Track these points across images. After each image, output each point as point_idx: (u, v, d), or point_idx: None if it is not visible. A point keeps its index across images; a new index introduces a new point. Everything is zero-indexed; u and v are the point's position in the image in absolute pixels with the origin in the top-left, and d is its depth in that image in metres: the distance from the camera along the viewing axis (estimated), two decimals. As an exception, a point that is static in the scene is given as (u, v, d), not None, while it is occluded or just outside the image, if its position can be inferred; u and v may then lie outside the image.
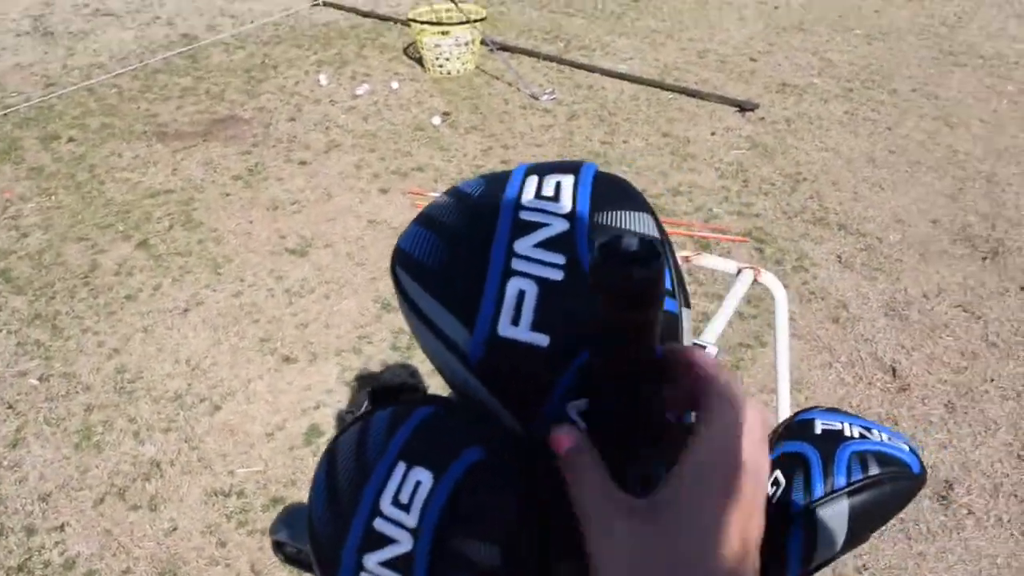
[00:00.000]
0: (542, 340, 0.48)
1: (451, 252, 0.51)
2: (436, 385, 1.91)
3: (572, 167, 0.56)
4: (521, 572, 0.47)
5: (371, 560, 0.46)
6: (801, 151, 4.12)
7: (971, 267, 3.25)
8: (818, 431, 0.78)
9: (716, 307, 2.13)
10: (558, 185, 0.54)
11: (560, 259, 0.49)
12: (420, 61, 5.12)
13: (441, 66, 4.95)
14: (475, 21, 4.87)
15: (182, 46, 5.54)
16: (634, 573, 0.39)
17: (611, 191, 0.55)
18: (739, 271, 1.85)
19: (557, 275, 0.49)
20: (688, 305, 0.55)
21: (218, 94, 4.78)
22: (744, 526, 0.39)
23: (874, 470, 0.73)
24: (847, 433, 0.77)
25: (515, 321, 0.48)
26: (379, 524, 0.46)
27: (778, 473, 0.75)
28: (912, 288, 3.13)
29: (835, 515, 0.72)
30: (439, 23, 4.92)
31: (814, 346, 2.84)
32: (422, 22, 4.87)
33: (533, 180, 0.54)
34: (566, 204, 0.52)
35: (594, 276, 0.38)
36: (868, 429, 0.78)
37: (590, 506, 0.42)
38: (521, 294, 0.48)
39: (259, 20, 6.08)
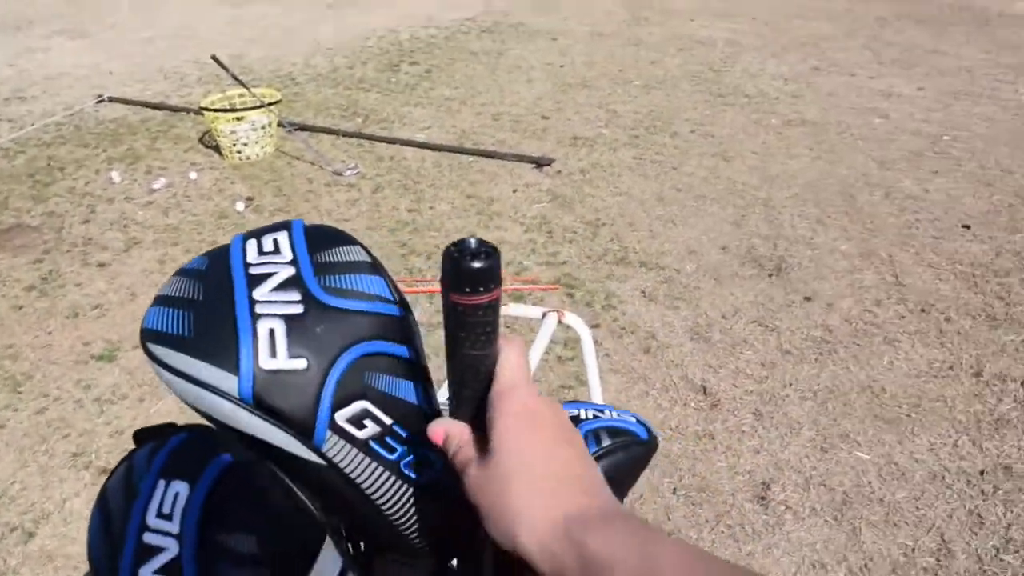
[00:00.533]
0: (300, 363, 0.56)
1: (199, 317, 0.58)
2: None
3: (283, 226, 0.66)
4: (280, 555, 0.55)
5: (146, 571, 0.53)
6: (598, 198, 4.40)
7: (760, 285, 3.57)
8: None
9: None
10: (275, 241, 0.63)
11: (296, 295, 0.59)
12: (217, 149, 5.07)
13: (239, 152, 4.93)
14: (270, 104, 4.89)
15: (-46, 156, 5.21)
16: (481, 496, 0.52)
17: (321, 236, 0.66)
18: (544, 315, 1.99)
19: (298, 309, 0.58)
20: (410, 311, 0.66)
21: (1, 203, 4.52)
22: (542, 436, 0.53)
23: (606, 442, 0.85)
24: (582, 416, 0.90)
25: (273, 354, 0.56)
26: (148, 537, 0.53)
27: None
28: (711, 311, 3.40)
29: None
30: (233, 109, 4.90)
31: (630, 377, 3.03)
32: (216, 110, 4.84)
33: (252, 242, 0.64)
34: (287, 254, 0.62)
35: (449, 266, 0.50)
36: (600, 411, 0.91)
37: (464, 464, 0.55)
38: (271, 331, 0.57)
39: (39, 122, 5.81)
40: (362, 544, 0.67)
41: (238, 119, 4.82)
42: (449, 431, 0.57)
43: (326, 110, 5.91)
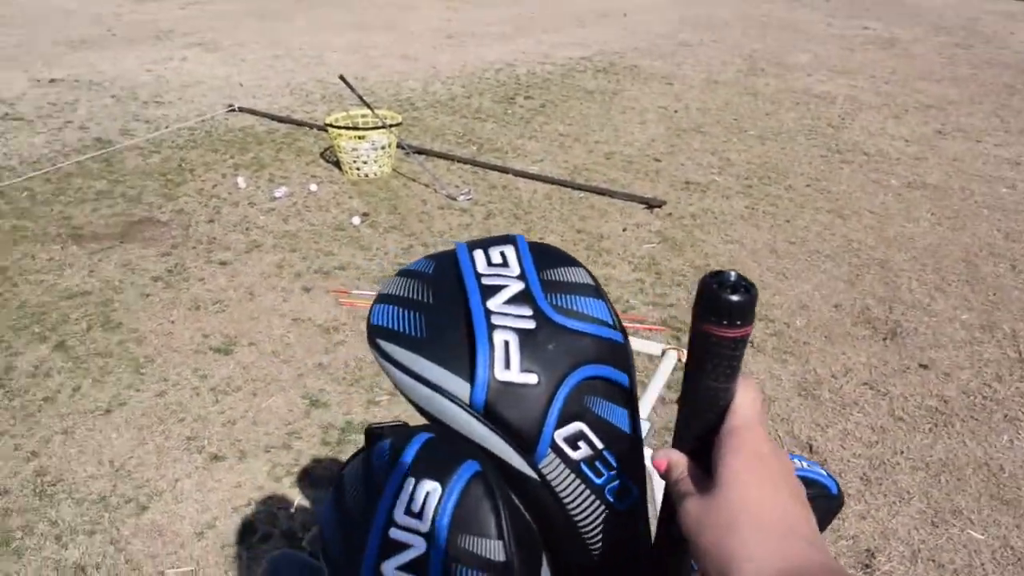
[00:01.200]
0: (532, 379, 0.58)
1: (433, 319, 0.61)
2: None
3: (507, 239, 0.68)
4: (520, 563, 0.56)
5: (389, 566, 0.54)
6: (708, 244, 4.38)
7: (874, 347, 3.48)
8: None
9: (641, 392, 2.24)
10: (503, 254, 0.65)
11: (528, 311, 0.60)
12: (338, 164, 5.25)
13: (359, 169, 5.09)
14: (391, 126, 5.05)
15: (96, 150, 5.53)
16: (702, 533, 0.52)
17: (545, 254, 0.67)
18: (663, 352, 1.99)
19: (530, 324, 0.60)
20: (628, 340, 0.67)
21: (135, 197, 4.78)
22: (771, 480, 0.52)
23: None
24: None
25: (507, 366, 0.58)
26: (394, 533, 0.54)
27: None
28: (821, 369, 3.33)
29: None
30: (356, 128, 5.08)
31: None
32: (339, 127, 5.02)
33: (480, 253, 0.66)
34: (515, 268, 0.64)
35: (707, 296, 0.51)
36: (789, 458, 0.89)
37: (684, 495, 0.55)
38: (507, 343, 0.58)
39: (174, 125, 6.13)
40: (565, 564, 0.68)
41: (360, 138, 4.99)
42: (672, 459, 0.58)
43: (443, 136, 6.06)
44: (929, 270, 4.16)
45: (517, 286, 0.62)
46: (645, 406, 1.71)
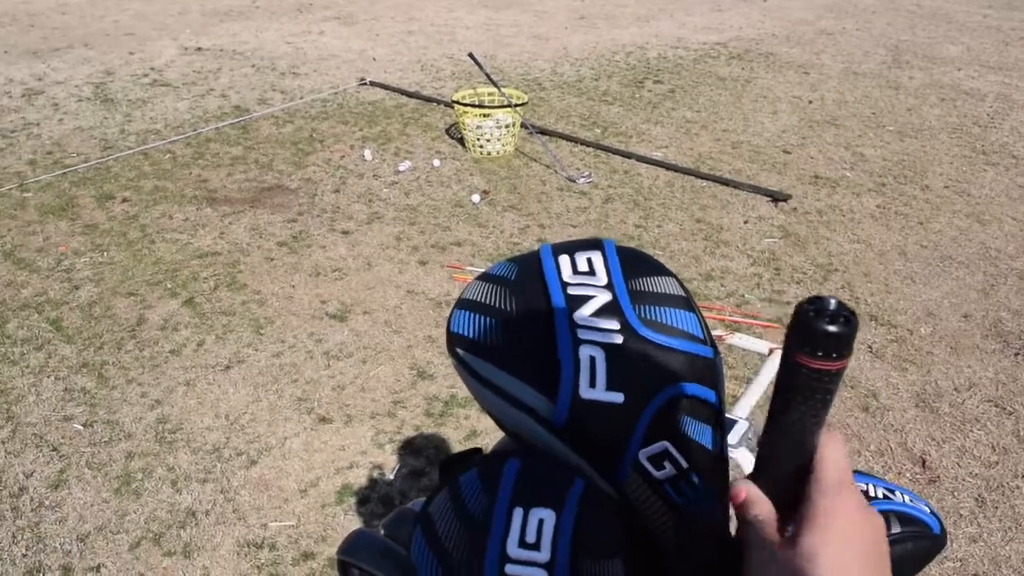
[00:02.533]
0: (618, 397, 0.55)
1: (515, 330, 0.58)
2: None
3: (594, 244, 0.64)
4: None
5: None
6: (833, 242, 4.20)
7: (1003, 363, 3.27)
8: None
9: (743, 390, 2.18)
10: (590, 261, 0.62)
11: (615, 324, 0.57)
12: (462, 141, 5.31)
13: (482, 147, 5.13)
14: (517, 106, 5.06)
15: (234, 117, 5.78)
16: None
17: (635, 261, 0.63)
18: (770, 351, 1.93)
19: (617, 339, 0.57)
20: (719, 354, 0.62)
21: (267, 164, 4.97)
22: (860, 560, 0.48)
23: (895, 529, 0.77)
24: (872, 494, 0.81)
25: (592, 383, 0.55)
26: (511, 569, 0.51)
27: None
28: (943, 381, 3.15)
29: None
30: (481, 106, 5.11)
31: (843, 433, 2.86)
32: (466, 104, 5.07)
33: (565, 259, 0.62)
34: (602, 277, 0.60)
35: (802, 324, 0.46)
36: (891, 491, 0.82)
37: (755, 539, 0.52)
38: (592, 359, 0.56)
39: (308, 96, 6.34)
40: None
41: (485, 115, 5.02)
42: (751, 496, 0.54)
43: (567, 117, 6.03)
44: (1078, 285, 3.86)
45: (604, 296, 0.59)
46: (746, 405, 1.66)
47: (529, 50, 8.17)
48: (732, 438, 1.74)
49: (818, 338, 0.45)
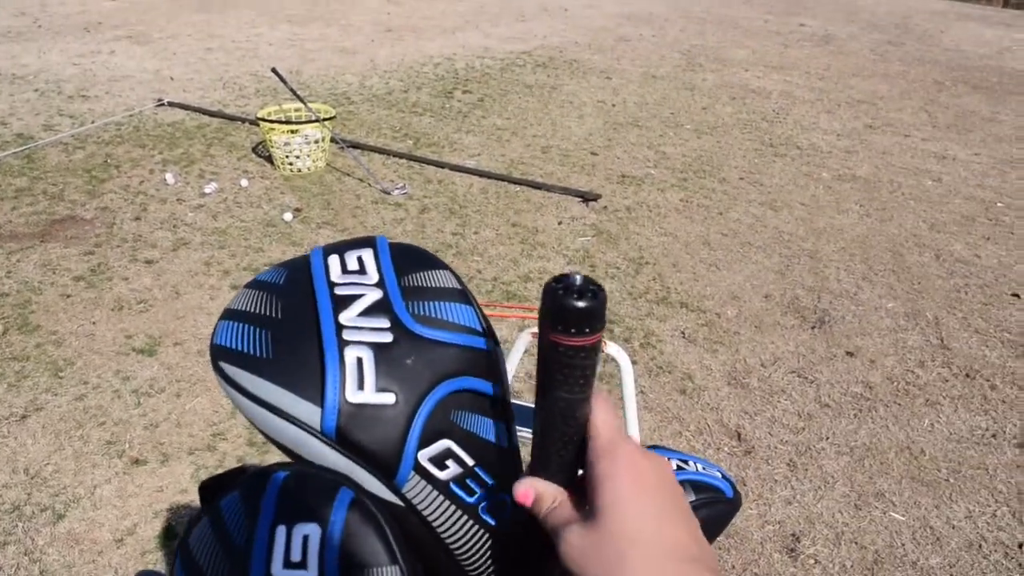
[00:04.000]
0: (388, 398, 0.53)
1: (279, 337, 0.54)
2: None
3: (366, 242, 0.62)
4: None
5: None
6: (643, 236, 4.40)
7: (802, 336, 3.53)
8: None
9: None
10: (360, 259, 0.59)
11: (385, 323, 0.55)
12: (270, 159, 5.15)
13: (291, 164, 5.00)
14: (324, 120, 4.97)
15: (16, 146, 5.34)
16: (587, 568, 0.48)
17: (408, 256, 0.61)
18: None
19: (387, 337, 0.54)
20: (498, 344, 0.62)
21: (57, 194, 4.62)
22: (654, 502, 0.49)
23: (690, 497, 0.78)
24: None
25: (360, 386, 0.52)
26: None
27: None
28: (750, 358, 3.37)
29: None
30: (288, 122, 4.98)
31: (664, 417, 2.99)
32: (271, 121, 4.92)
33: (335, 258, 0.60)
34: (373, 275, 0.58)
35: (551, 303, 0.46)
36: (684, 461, 0.85)
37: (558, 529, 0.51)
38: (359, 360, 0.53)
39: (100, 120, 5.95)
40: None
41: (292, 132, 4.90)
42: (539, 490, 0.53)
43: (378, 130, 5.99)
44: (857, 260, 4.24)
45: (374, 295, 0.56)
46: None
47: (336, 64, 8.06)
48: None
49: (568, 315, 0.45)
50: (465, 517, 0.57)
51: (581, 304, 0.45)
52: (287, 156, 4.96)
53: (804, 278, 4.03)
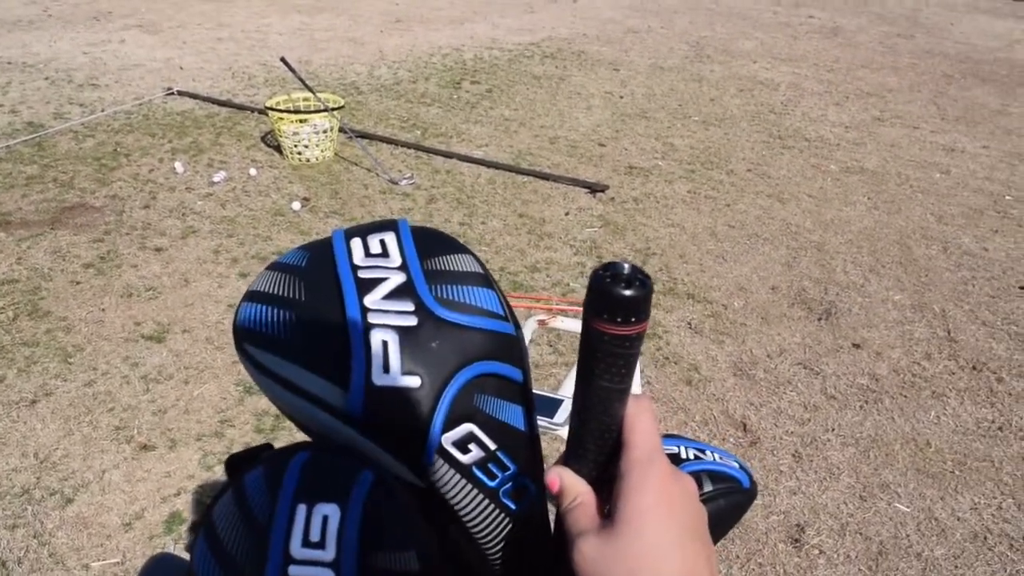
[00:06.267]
0: (414, 382, 0.53)
1: (304, 320, 0.55)
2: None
3: (388, 225, 0.62)
4: (437, 571, 0.52)
5: None
6: (650, 228, 4.40)
7: (808, 327, 3.53)
8: None
9: (569, 373, 2.24)
10: (382, 242, 0.59)
11: (409, 306, 0.55)
12: (279, 149, 5.16)
13: (300, 153, 5.01)
14: (333, 109, 4.97)
15: (27, 134, 5.36)
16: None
17: (430, 240, 0.61)
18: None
19: (411, 321, 0.54)
20: (520, 329, 0.62)
21: (67, 182, 4.65)
22: (680, 522, 0.49)
23: (708, 487, 0.78)
24: (683, 456, 0.82)
25: (386, 369, 0.52)
26: (294, 570, 0.47)
27: None
28: (756, 349, 3.37)
29: None
30: (297, 111, 4.99)
31: (670, 407, 3.00)
32: (280, 110, 4.93)
33: (357, 242, 0.59)
34: (396, 258, 0.58)
35: (597, 291, 0.46)
36: (702, 451, 0.84)
37: (577, 526, 0.51)
38: (385, 344, 0.53)
39: (110, 108, 5.97)
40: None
41: (301, 121, 4.91)
42: (566, 483, 0.54)
43: (387, 120, 5.99)
44: (864, 252, 4.23)
45: (398, 278, 0.56)
46: (570, 384, 1.71)
47: (345, 54, 8.06)
48: (559, 417, 1.79)
49: (615, 303, 0.45)
50: (486, 501, 0.58)
51: (628, 292, 0.45)
52: (296, 145, 4.97)
53: (811, 270, 4.02)
